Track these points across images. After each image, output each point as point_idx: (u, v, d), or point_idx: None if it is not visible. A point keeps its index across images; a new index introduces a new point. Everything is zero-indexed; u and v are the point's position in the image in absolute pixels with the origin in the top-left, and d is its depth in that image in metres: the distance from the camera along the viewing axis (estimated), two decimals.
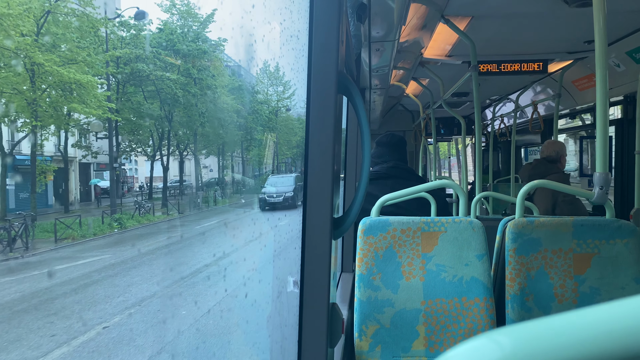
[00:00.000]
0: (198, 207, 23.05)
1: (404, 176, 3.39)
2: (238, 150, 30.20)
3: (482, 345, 0.28)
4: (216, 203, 24.01)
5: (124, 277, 10.33)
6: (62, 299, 8.70)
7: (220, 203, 24.10)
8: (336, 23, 1.20)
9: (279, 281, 8.34)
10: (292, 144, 33.56)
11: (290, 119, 33.59)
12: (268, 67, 32.37)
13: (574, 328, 0.26)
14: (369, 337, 2.18)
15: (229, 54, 27.11)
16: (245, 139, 28.80)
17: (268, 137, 31.07)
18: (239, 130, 27.61)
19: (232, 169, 30.73)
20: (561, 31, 3.78)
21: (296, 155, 33.97)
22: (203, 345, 6.91)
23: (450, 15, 3.33)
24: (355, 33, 2.19)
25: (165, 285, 9.66)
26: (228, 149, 28.29)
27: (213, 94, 23.20)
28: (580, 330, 0.26)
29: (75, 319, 7.76)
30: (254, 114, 29.09)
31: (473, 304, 2.16)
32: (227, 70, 27.59)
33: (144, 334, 7.24)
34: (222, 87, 24.26)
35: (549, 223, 2.24)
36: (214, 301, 8.56)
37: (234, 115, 26.68)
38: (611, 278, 2.18)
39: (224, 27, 26.24)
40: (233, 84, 27.43)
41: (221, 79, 24.30)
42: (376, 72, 3.71)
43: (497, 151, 8.97)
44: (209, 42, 23.82)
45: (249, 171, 32.14)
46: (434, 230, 2.22)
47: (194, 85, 22.17)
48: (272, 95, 32.69)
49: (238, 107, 26.64)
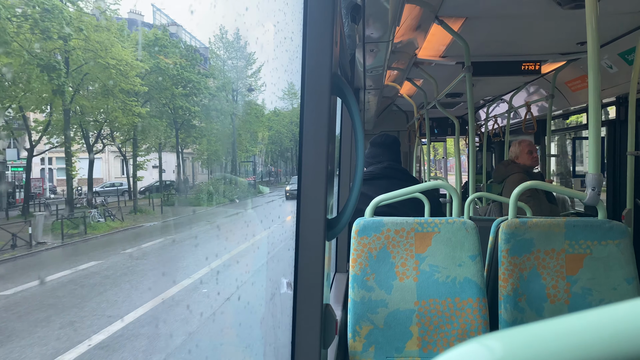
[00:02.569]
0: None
1: (397, 177, 3.39)
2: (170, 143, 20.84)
3: (473, 350, 0.28)
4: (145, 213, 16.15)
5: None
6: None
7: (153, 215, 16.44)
8: (330, 24, 1.20)
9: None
10: (260, 139, 26.43)
11: (253, 104, 26.29)
12: (225, 34, 23.45)
13: (565, 333, 0.26)
14: (362, 337, 2.18)
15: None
16: (182, 126, 19.71)
17: (215, 126, 21.71)
18: (160, 112, 18.22)
19: (182, 168, 21.02)
20: (554, 32, 3.80)
21: (268, 153, 27.13)
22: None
23: (444, 16, 3.34)
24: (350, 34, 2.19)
25: None
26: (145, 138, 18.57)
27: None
28: (571, 336, 0.26)
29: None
30: (191, 90, 19.56)
31: (466, 304, 2.17)
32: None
33: None
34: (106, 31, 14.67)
35: (542, 224, 2.25)
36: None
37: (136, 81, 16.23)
38: (603, 278, 2.19)
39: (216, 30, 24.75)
40: (147, 38, 18.18)
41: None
42: (370, 72, 3.71)
43: (491, 152, 8.99)
44: None
45: (195, 171, 22.67)
46: (427, 231, 2.22)
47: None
48: (229, 72, 23.91)
49: (137, 64, 16.38)
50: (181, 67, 19.00)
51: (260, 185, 25.94)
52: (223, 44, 23.06)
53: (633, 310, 0.26)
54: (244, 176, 23.72)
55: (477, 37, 3.79)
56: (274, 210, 19.50)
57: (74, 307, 8.02)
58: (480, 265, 2.20)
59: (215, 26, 22.85)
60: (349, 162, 3.86)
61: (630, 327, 0.25)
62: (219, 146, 20.06)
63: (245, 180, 20.43)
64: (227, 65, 23.40)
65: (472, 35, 3.67)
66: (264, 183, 27.51)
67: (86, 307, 8.00)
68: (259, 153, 26.68)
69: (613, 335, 0.25)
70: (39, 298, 8.33)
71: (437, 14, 3.28)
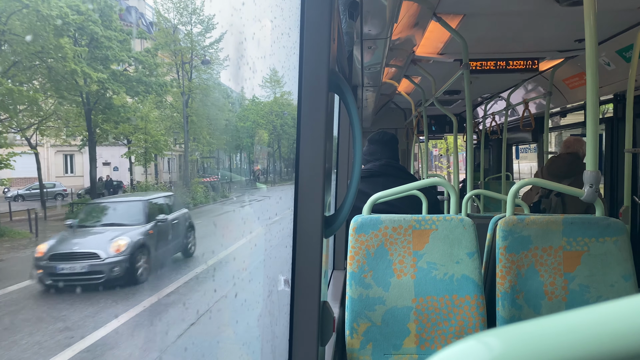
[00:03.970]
0: None
1: (395, 174, 3.39)
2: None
3: (471, 347, 0.27)
4: None
5: None
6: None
7: None
8: (327, 20, 1.20)
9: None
10: (224, 128, 22.03)
11: (215, 83, 21.81)
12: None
13: (564, 330, 0.26)
14: (360, 334, 2.18)
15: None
16: (96, 106, 9.58)
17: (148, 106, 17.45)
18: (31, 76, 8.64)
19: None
20: (552, 30, 3.80)
21: (237, 148, 23.93)
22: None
23: (442, 13, 3.33)
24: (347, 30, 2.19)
25: None
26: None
27: None
28: (570, 333, 0.26)
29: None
30: (101, 51, 9.08)
31: (464, 301, 2.17)
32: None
33: None
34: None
35: (540, 221, 2.25)
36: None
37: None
38: (600, 275, 2.20)
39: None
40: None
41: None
42: (368, 69, 3.71)
43: (489, 149, 9.00)
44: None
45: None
46: (425, 228, 2.22)
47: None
48: (184, 38, 19.34)
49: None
50: (78, 13, 15.56)
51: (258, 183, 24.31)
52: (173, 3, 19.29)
53: (631, 307, 0.26)
54: (202, 176, 18.68)
55: (475, 34, 3.79)
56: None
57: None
58: (478, 263, 2.20)
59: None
60: (346, 159, 3.86)
61: (628, 324, 0.25)
62: (159, 135, 15.68)
63: (202, 181, 17.55)
64: (178, 32, 19.66)
65: (470, 32, 3.66)
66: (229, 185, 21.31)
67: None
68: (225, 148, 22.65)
69: (612, 332, 0.25)
70: None
71: (435, 10, 3.27)
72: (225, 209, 12.65)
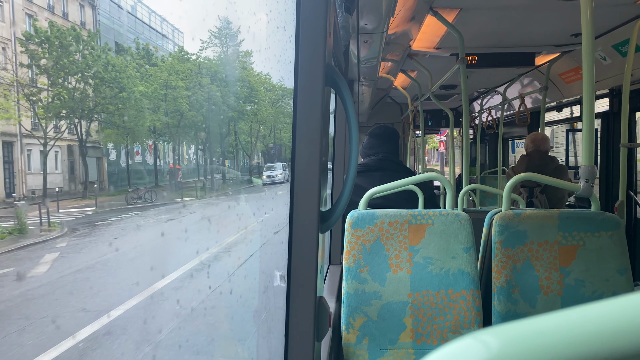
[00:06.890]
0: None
1: (392, 168, 3.39)
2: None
3: (469, 346, 0.27)
4: None
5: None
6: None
7: None
8: (324, 14, 1.19)
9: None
10: (180, 106, 14.66)
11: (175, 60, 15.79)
12: None
13: (562, 328, 0.26)
14: (356, 329, 2.18)
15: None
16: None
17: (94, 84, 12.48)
18: None
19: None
20: (549, 24, 3.80)
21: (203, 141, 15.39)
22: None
23: (438, 7, 3.32)
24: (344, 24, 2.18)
25: None
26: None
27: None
28: (567, 331, 0.26)
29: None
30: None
31: (460, 296, 2.18)
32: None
33: None
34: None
35: (535, 216, 2.25)
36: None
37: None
38: (596, 270, 2.20)
39: (207, 18, 24.38)
40: None
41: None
42: (364, 64, 3.70)
43: (485, 143, 9.01)
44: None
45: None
46: (421, 223, 2.22)
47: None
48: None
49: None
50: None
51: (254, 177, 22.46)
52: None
53: (630, 304, 0.26)
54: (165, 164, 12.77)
55: (471, 28, 3.78)
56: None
57: None
58: (474, 257, 2.21)
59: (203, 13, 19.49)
60: (343, 154, 3.85)
61: (626, 322, 0.25)
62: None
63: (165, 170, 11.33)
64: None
65: (467, 26, 3.65)
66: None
67: None
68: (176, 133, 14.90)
69: (609, 330, 0.25)
70: None
71: (431, 4, 3.26)
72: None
